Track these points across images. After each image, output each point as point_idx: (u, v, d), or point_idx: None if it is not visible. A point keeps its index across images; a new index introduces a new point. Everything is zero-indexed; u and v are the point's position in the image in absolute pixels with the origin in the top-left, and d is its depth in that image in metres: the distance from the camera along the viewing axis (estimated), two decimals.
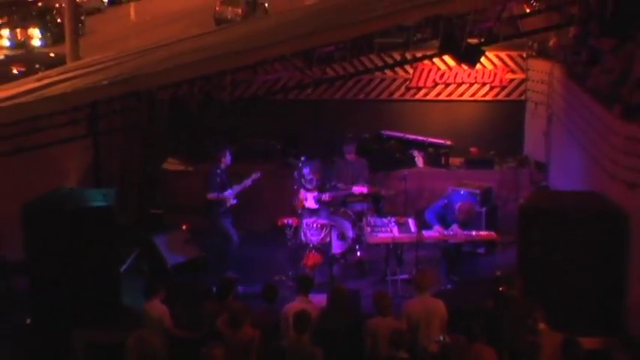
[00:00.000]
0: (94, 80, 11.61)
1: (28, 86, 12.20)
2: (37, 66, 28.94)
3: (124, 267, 13.79)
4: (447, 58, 14.30)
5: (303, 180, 15.26)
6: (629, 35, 12.74)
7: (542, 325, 9.91)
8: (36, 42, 41.54)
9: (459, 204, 14.44)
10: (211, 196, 14.68)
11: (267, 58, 11.17)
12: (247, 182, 14.85)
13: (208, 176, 15.02)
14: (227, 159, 14.85)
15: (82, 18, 40.11)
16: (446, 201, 14.71)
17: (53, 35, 41.57)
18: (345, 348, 10.10)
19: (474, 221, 14.49)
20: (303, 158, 15.57)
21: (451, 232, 14.21)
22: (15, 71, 29.58)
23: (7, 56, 32.53)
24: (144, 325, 10.27)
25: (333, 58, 12.27)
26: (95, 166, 15.33)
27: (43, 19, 43.59)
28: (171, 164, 16.73)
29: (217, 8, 48.09)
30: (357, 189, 15.00)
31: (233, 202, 14.77)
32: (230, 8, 47.84)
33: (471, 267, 14.42)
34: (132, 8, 53.60)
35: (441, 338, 10.12)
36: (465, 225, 14.28)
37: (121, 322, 11.64)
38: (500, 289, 11.20)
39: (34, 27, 42.22)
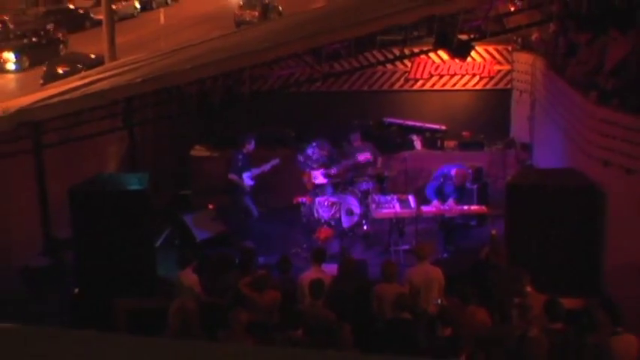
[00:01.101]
0: (129, 78, 11.71)
1: (72, 84, 12.30)
2: (80, 66, 29.01)
3: (158, 242, 13.80)
4: (441, 52, 14.29)
5: (308, 161, 15.40)
6: (602, 30, 12.78)
7: (528, 288, 10.01)
8: (10, 66, 37.26)
9: (455, 170, 14.53)
10: (231, 177, 14.88)
11: (281, 55, 11.26)
12: (266, 167, 15.00)
13: (231, 160, 15.23)
14: (251, 145, 14.99)
15: None
16: (442, 179, 14.79)
17: (30, 58, 37.81)
18: (354, 310, 10.10)
19: (467, 196, 14.57)
20: (314, 143, 15.70)
21: (447, 207, 14.31)
22: (60, 71, 29.65)
23: (52, 58, 32.42)
24: (178, 293, 10.35)
25: (340, 54, 12.32)
26: (131, 153, 15.47)
27: (19, 42, 39.48)
28: (198, 151, 16.79)
29: (237, 12, 48.31)
30: (361, 156, 15.05)
31: (250, 183, 14.91)
32: (248, 11, 48.04)
33: (464, 238, 14.38)
34: (161, 13, 53.52)
35: (439, 301, 10.23)
36: (461, 189, 14.38)
37: (156, 290, 11.74)
38: (485, 254, 11.36)
39: (8, 50, 37.92)
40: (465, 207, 14.38)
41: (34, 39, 39.55)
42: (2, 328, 2.76)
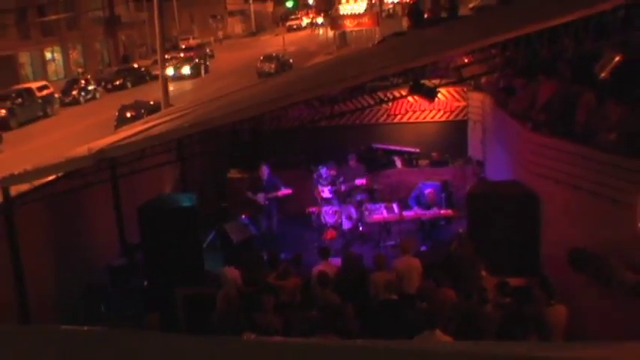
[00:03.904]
0: (179, 123, 11.81)
1: (137, 128, 12.41)
2: (143, 111, 29.17)
3: (204, 244, 13.89)
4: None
5: (320, 179, 15.51)
6: (533, 76, 12.89)
7: (484, 273, 10.12)
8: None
9: (427, 190, 14.65)
10: (248, 195, 15.06)
11: (293, 101, 11.28)
12: (277, 193, 15.10)
13: (251, 182, 15.39)
14: (264, 171, 15.08)
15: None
16: (419, 191, 14.90)
17: (18, 119, 36.71)
18: (355, 293, 10.18)
19: (438, 202, 14.65)
20: (320, 165, 15.82)
21: (422, 212, 14.45)
22: (128, 115, 29.83)
23: (123, 105, 32.53)
24: (223, 284, 10.39)
25: (338, 99, 12.42)
26: (182, 178, 15.58)
27: (12, 102, 37.20)
28: (233, 174, 16.88)
29: (258, 65, 48.48)
30: (358, 181, 15.11)
31: (263, 202, 15.00)
32: (267, 64, 48.33)
33: (437, 234, 14.46)
34: (202, 68, 53.85)
35: None
36: (433, 204, 14.49)
37: (204, 281, 11.85)
38: (453, 247, 11.43)
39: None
40: (436, 210, 14.51)
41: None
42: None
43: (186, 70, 51.34)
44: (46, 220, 11.67)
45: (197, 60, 54.06)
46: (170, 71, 47.64)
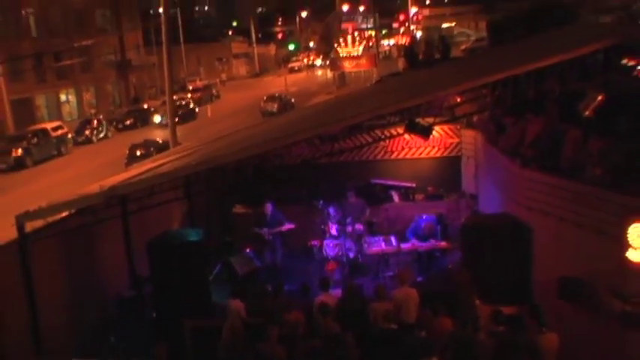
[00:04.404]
0: (186, 161, 11.85)
1: (146, 167, 12.46)
2: (152, 149, 29.39)
3: (211, 276, 13.85)
4: None
5: (329, 216, 15.53)
6: (521, 114, 12.97)
7: (477, 302, 10.08)
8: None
9: (423, 224, 14.66)
10: (255, 230, 15.04)
11: (295, 140, 11.33)
12: (281, 228, 15.13)
13: (256, 217, 15.40)
14: (268, 208, 15.12)
15: None
16: (416, 224, 14.91)
17: (34, 158, 37.53)
18: (355, 322, 10.06)
19: (434, 234, 14.64)
20: (321, 201, 15.83)
21: (419, 244, 14.44)
22: (138, 153, 29.99)
23: (133, 144, 32.81)
24: (228, 316, 10.28)
25: (338, 137, 12.45)
26: (190, 214, 15.53)
27: (28, 142, 37.99)
28: (238, 209, 16.83)
29: (262, 104, 48.77)
30: (357, 228, 15.19)
31: (268, 237, 15.00)
32: (270, 104, 48.66)
33: (432, 265, 14.42)
34: (208, 108, 54.14)
35: None
36: (429, 237, 14.48)
37: (212, 312, 11.82)
38: (455, 278, 11.34)
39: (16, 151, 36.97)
40: (432, 242, 14.49)
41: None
42: None
43: (157, 118, 47.85)
44: (59, 253, 11.66)
45: (190, 106, 51.79)
46: (157, 119, 47.19)
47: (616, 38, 10.53)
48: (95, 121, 46.65)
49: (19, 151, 37.14)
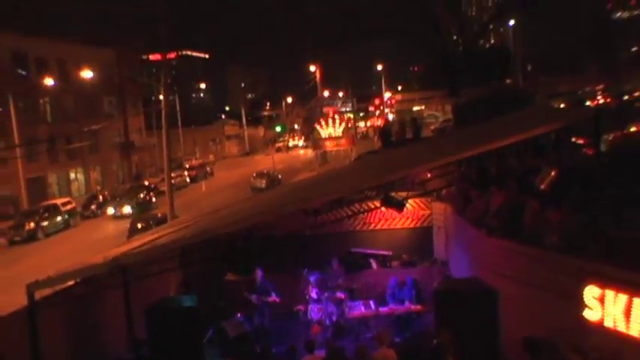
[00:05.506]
0: (182, 234, 11.77)
1: (146, 239, 12.37)
2: (151, 222, 29.27)
3: (205, 339, 13.57)
4: None
5: (310, 283, 15.38)
6: (485, 188, 13.11)
7: None
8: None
9: (394, 283, 14.56)
10: (246, 295, 14.94)
11: (281, 213, 11.34)
12: (268, 298, 15.03)
13: (246, 284, 15.26)
14: (258, 274, 15.00)
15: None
16: (392, 288, 14.82)
17: (45, 231, 38.01)
18: None
19: (409, 297, 14.50)
20: (306, 269, 15.72)
21: (396, 307, 14.31)
22: (139, 226, 29.87)
23: (134, 218, 32.83)
24: None
25: (320, 211, 12.53)
26: (184, 281, 15.33)
27: (40, 216, 38.64)
28: (230, 276, 16.63)
29: (251, 180, 49.04)
30: (339, 294, 15.01)
31: (257, 302, 14.86)
32: (259, 180, 48.91)
33: (408, 327, 14.28)
34: (203, 184, 54.36)
35: None
36: (405, 299, 14.35)
37: None
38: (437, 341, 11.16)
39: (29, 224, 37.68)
40: (408, 305, 14.39)
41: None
42: None
43: (127, 209, 43.42)
44: (65, 318, 11.54)
45: (142, 195, 46.83)
46: (110, 210, 43.91)
47: (566, 120, 10.79)
48: (100, 197, 46.61)
49: (32, 224, 37.92)
